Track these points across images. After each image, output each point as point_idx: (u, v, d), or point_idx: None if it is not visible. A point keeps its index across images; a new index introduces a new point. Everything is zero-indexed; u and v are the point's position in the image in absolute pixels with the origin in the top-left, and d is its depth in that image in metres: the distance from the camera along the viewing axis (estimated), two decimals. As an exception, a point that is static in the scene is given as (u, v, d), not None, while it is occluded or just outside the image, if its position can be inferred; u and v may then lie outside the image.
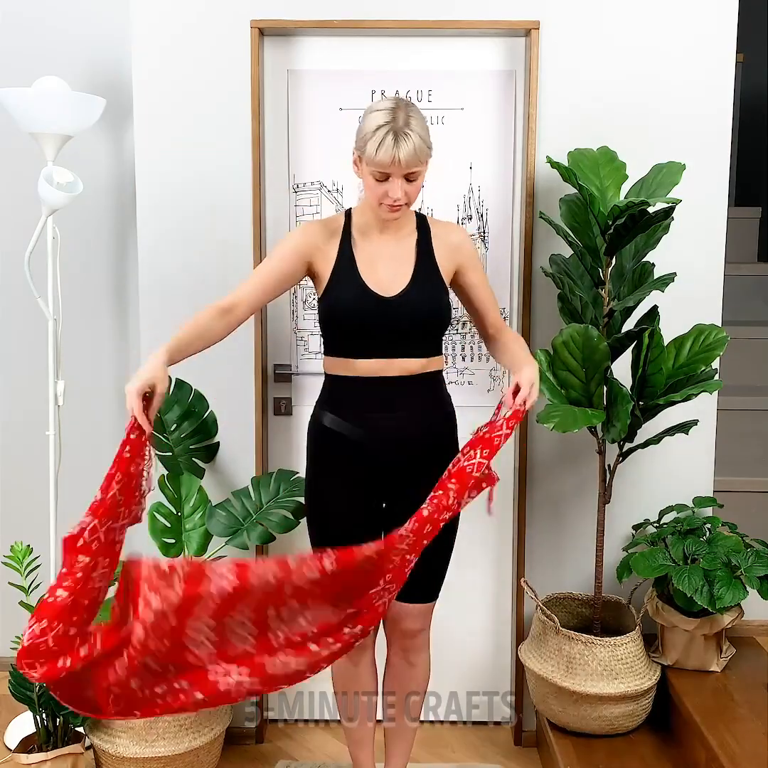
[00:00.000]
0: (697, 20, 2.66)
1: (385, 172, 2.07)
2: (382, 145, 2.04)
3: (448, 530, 2.32)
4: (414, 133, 2.05)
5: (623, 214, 2.31)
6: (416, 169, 2.08)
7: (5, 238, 3.04)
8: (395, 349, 2.19)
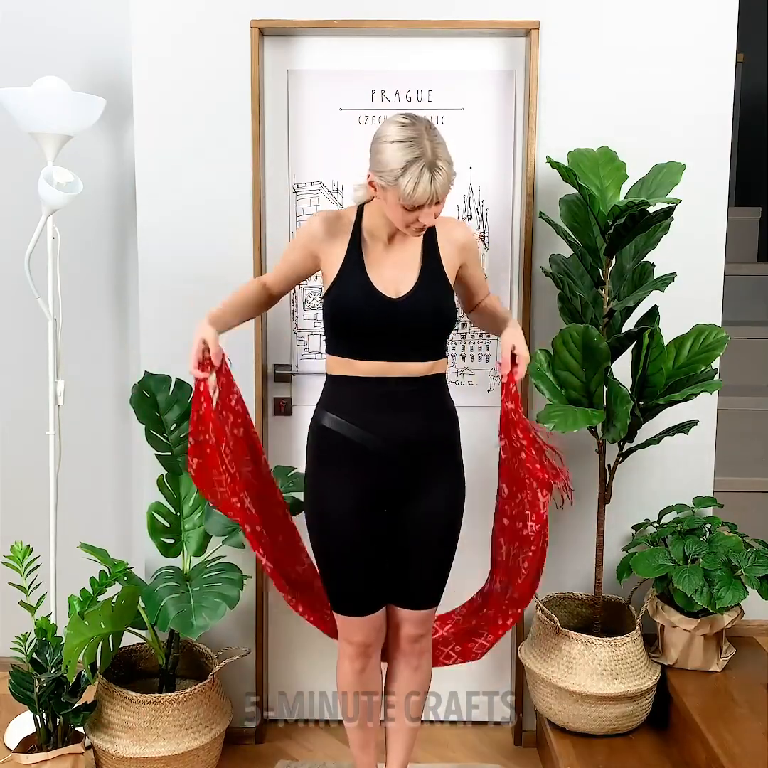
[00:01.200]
0: (697, 20, 2.66)
1: (420, 206, 2.03)
2: (419, 184, 1.98)
3: (449, 536, 2.32)
4: (445, 163, 2.02)
5: (623, 214, 2.31)
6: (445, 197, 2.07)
7: (5, 238, 3.04)
8: (398, 351, 2.17)
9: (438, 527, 2.29)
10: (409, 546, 2.29)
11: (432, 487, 2.26)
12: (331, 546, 2.28)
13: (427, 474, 2.25)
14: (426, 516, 2.27)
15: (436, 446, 2.25)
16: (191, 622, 2.35)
